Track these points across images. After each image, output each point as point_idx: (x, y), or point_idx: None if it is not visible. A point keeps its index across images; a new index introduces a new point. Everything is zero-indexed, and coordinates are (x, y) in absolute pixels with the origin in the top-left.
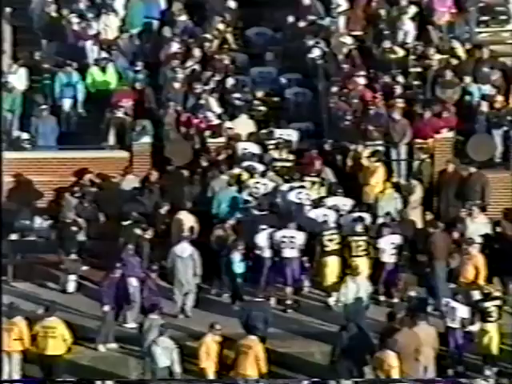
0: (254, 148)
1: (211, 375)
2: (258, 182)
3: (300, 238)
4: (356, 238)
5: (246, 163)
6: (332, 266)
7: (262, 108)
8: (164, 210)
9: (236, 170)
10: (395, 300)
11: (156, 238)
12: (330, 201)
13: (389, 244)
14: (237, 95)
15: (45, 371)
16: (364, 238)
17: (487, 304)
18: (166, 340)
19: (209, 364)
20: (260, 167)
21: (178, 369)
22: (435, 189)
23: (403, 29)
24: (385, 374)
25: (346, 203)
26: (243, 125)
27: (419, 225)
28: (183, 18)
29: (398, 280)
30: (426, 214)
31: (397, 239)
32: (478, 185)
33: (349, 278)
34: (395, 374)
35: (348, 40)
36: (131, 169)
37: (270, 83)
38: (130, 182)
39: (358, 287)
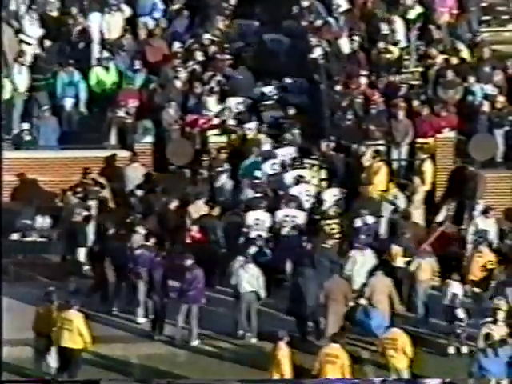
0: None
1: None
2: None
3: (301, 217)
4: (328, 221)
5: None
6: None
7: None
8: (173, 205)
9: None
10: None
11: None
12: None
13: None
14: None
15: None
16: (336, 220)
17: None
18: (252, 267)
19: (279, 372)
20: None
21: (263, 294)
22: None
23: (392, 27)
24: None
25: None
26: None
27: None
28: (183, 15)
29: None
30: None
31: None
32: (472, 183)
33: (356, 251)
34: None
35: (349, 40)
36: (136, 158)
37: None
38: (135, 170)
39: (365, 259)
